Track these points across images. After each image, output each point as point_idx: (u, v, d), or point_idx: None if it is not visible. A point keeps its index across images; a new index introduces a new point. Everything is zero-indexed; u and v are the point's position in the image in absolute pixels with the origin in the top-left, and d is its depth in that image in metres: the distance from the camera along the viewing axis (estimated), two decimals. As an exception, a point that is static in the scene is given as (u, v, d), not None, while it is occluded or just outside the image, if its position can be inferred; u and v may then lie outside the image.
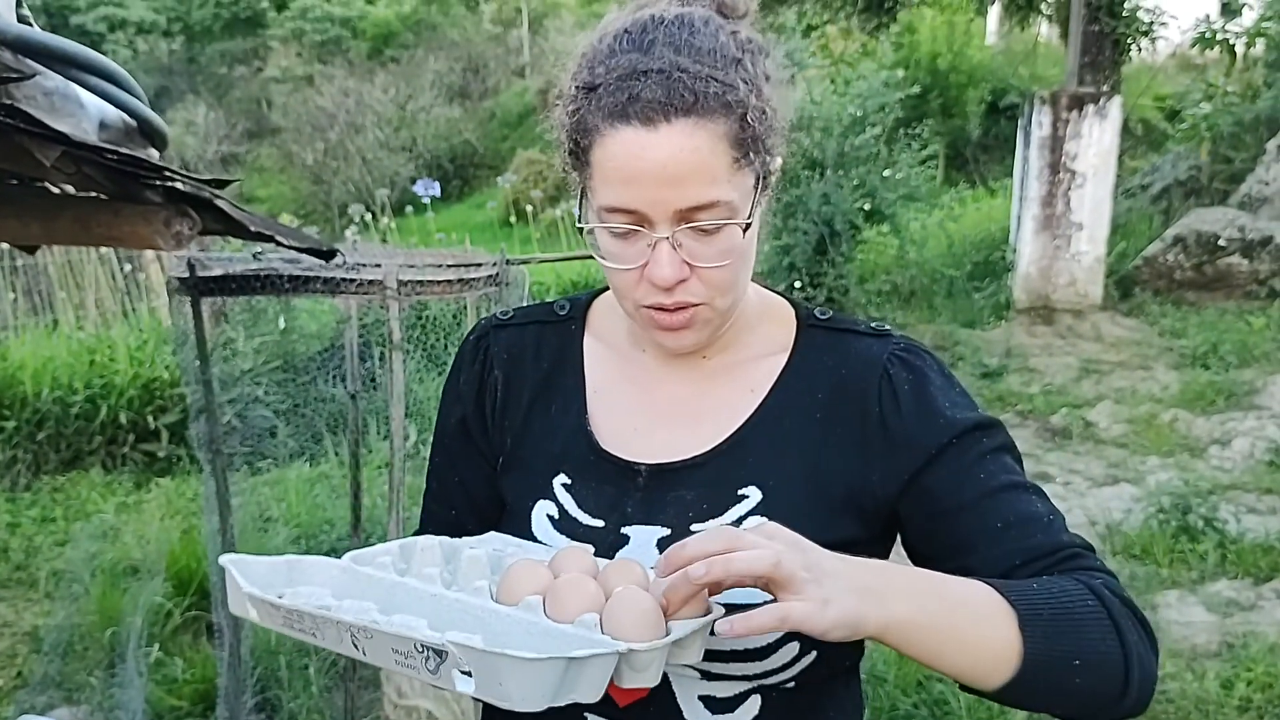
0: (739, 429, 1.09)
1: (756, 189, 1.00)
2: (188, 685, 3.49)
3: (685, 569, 0.82)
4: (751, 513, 1.04)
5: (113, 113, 1.56)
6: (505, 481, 1.15)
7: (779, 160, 1.05)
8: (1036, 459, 5.95)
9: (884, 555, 1.04)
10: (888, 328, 1.13)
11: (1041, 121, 8.38)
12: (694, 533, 1.02)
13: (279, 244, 1.80)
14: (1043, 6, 10.58)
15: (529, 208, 11.78)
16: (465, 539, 1.07)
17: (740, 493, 1.05)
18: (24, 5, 1.41)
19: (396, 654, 0.80)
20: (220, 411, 2.70)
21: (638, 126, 0.95)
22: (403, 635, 0.79)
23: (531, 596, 0.87)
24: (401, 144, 18.79)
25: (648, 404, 1.14)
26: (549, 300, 1.25)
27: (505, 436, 1.17)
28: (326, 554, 4.42)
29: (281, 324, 5.16)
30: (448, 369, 1.28)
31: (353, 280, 2.06)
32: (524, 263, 2.56)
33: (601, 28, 1.03)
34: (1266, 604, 4.06)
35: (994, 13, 14.91)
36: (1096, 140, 8.36)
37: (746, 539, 0.83)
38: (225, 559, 0.94)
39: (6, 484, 5.46)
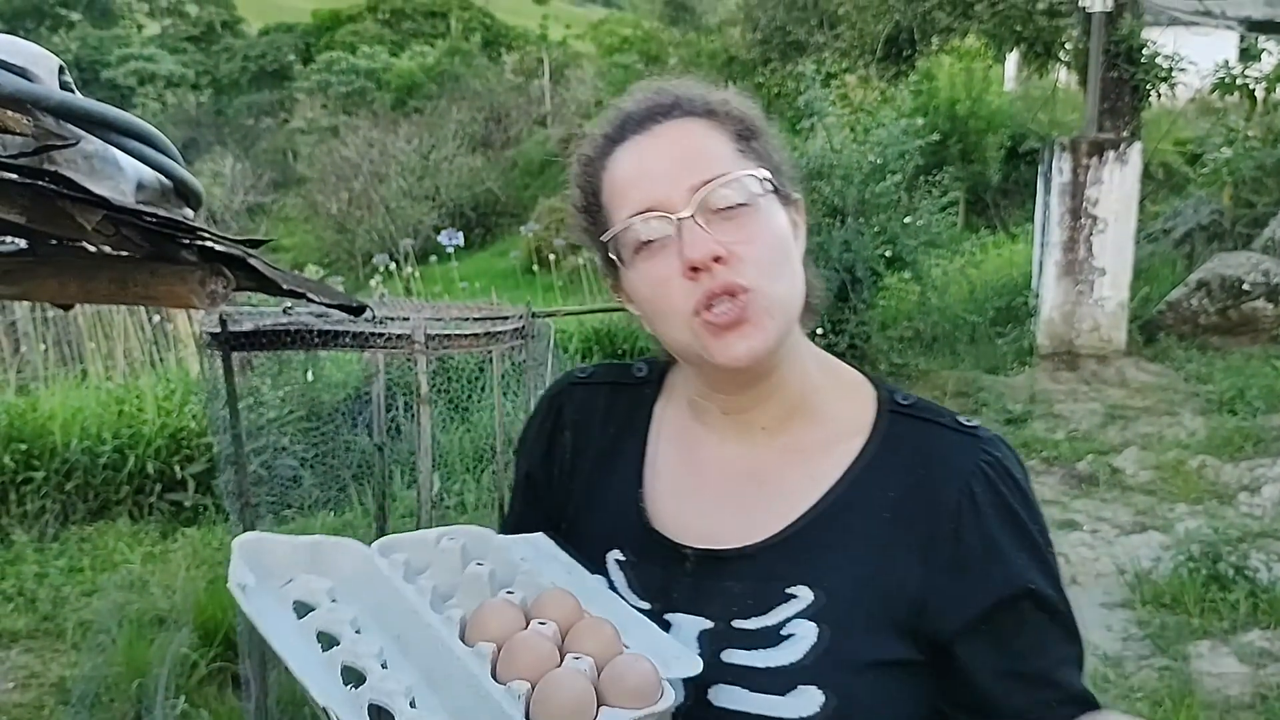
0: (796, 520, 1.02)
1: (766, 188, 1.01)
2: (213, 737, 3.49)
3: None
4: (800, 615, 0.98)
5: (149, 174, 1.60)
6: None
7: (797, 196, 1.07)
8: (1063, 506, 5.90)
9: (935, 683, 0.99)
10: (976, 424, 1.04)
11: (1062, 168, 8.40)
12: (737, 630, 0.98)
13: (310, 301, 1.83)
14: (1061, 53, 10.64)
15: (551, 256, 11.86)
16: (512, 540, 1.05)
17: (789, 591, 0.99)
18: (66, 73, 1.46)
19: None
20: (246, 461, 2.73)
21: (634, 137, 1.02)
22: None
23: (484, 644, 0.87)
24: (425, 193, 18.98)
25: (703, 483, 1.08)
26: (628, 362, 1.21)
27: (568, 503, 1.14)
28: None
29: (309, 376, 5.21)
30: (472, 417, 1.29)
31: (381, 335, 2.09)
32: (549, 315, 2.58)
33: None
34: (1301, 654, 4.00)
35: (1012, 59, 15.01)
36: (1117, 185, 8.37)
37: None
38: (239, 540, 0.96)
39: (35, 534, 5.49)
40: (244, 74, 35.57)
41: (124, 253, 1.77)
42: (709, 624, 1.00)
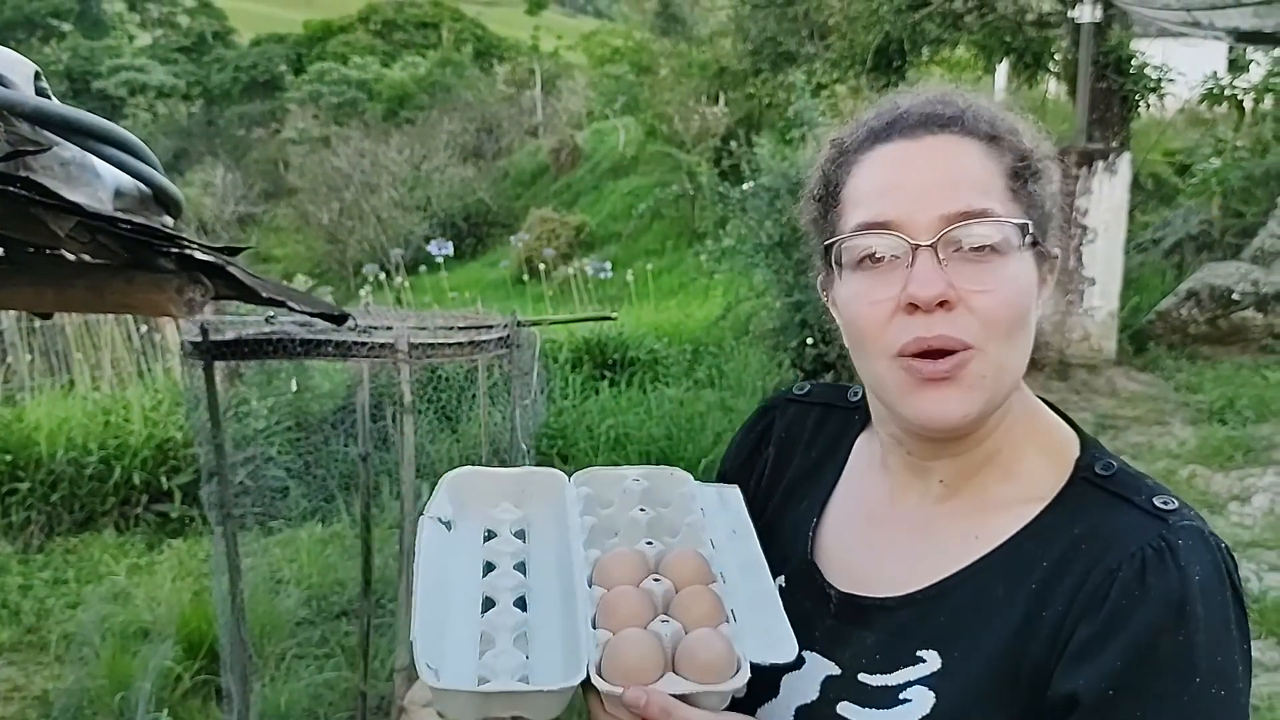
0: (944, 580, 0.93)
1: (1026, 238, 0.89)
2: (196, 750, 3.46)
3: None
4: (922, 681, 0.90)
5: (128, 181, 1.58)
6: None
7: (1057, 251, 0.95)
8: (1053, 516, 5.90)
9: None
10: (1173, 508, 0.87)
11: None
12: (859, 683, 0.93)
13: (291, 309, 1.81)
14: (1050, 64, 10.66)
15: (541, 266, 11.86)
16: (702, 488, 1.07)
17: (918, 654, 0.91)
18: (42, 79, 1.44)
19: None
20: (233, 472, 2.71)
21: (899, 140, 0.90)
22: None
23: (598, 589, 0.92)
24: (416, 203, 18.96)
25: (871, 526, 1.02)
26: (847, 384, 1.13)
27: (758, 519, 1.09)
28: (338, 618, 4.38)
29: (294, 386, 5.18)
30: (461, 427, 1.27)
31: (364, 344, 2.07)
32: (534, 324, 2.57)
33: None
34: (1291, 664, 3.99)
35: (1002, 70, 15.05)
36: (1107, 196, 8.39)
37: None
38: (448, 476, 1.06)
39: (20, 545, 5.45)
40: (235, 84, 35.54)
41: (102, 260, 1.75)
42: (835, 670, 0.96)
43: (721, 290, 9.08)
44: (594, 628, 0.88)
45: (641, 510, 1.02)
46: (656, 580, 0.92)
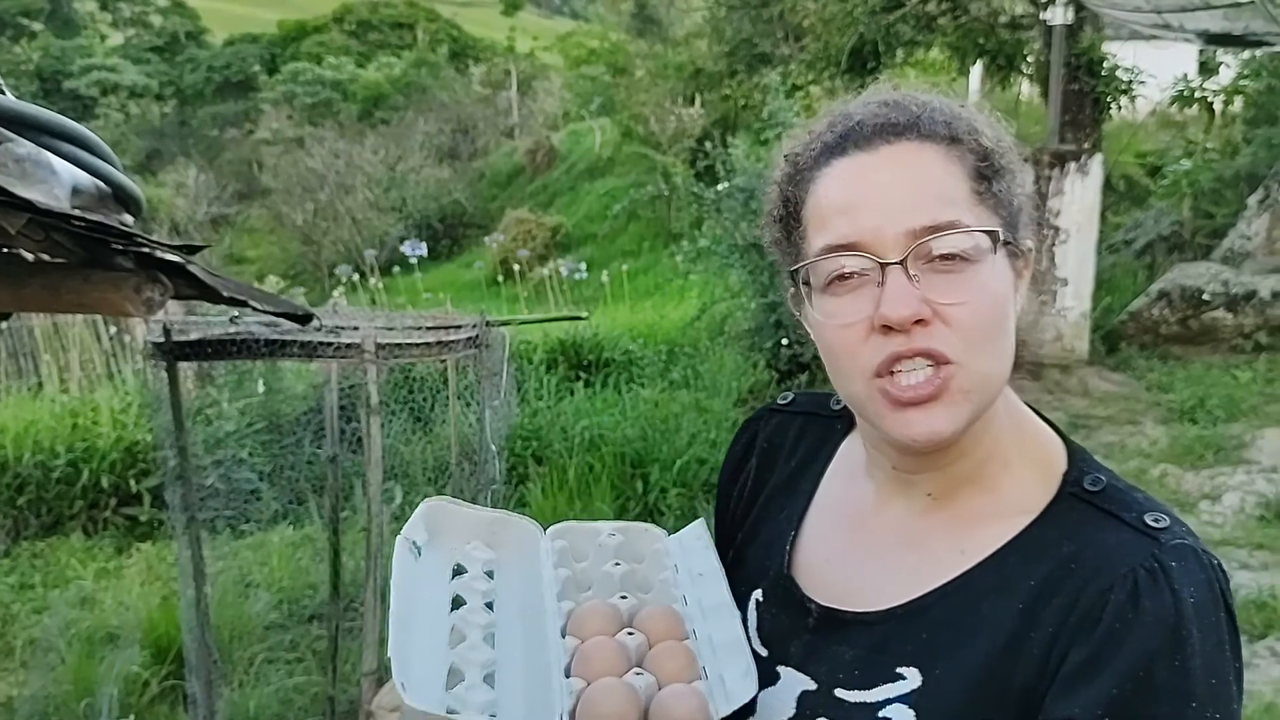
0: (926, 595, 0.91)
1: (998, 244, 0.86)
2: (164, 757, 3.42)
3: None
4: (901, 699, 0.88)
5: (86, 179, 1.55)
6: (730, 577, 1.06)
7: (1030, 243, 0.92)
8: (1026, 515, 5.92)
9: None
10: (1165, 525, 0.85)
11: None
12: (836, 699, 0.91)
13: (254, 309, 1.79)
14: (1023, 66, 10.72)
15: (517, 267, 11.82)
16: (674, 543, 1.08)
17: (898, 671, 0.89)
18: (-4, 73, 1.41)
19: None
20: (202, 475, 2.68)
21: (855, 153, 0.88)
22: None
23: (572, 640, 0.92)
24: (391, 204, 18.88)
25: (854, 538, 0.99)
26: (829, 391, 1.06)
27: (738, 530, 1.09)
28: (308, 622, 4.34)
29: (260, 387, 5.13)
30: (435, 428, 1.26)
31: (330, 344, 2.05)
32: (504, 324, 2.55)
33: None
34: (1261, 662, 4.02)
35: (975, 72, 15.14)
36: (1079, 197, 8.43)
37: None
38: (427, 502, 1.05)
39: (-15, 549, 5.38)
40: (208, 85, 35.34)
41: (59, 259, 1.72)
42: (811, 685, 0.94)
43: (697, 291, 9.07)
44: (567, 676, 0.89)
45: (616, 564, 1.03)
46: (631, 634, 0.93)
